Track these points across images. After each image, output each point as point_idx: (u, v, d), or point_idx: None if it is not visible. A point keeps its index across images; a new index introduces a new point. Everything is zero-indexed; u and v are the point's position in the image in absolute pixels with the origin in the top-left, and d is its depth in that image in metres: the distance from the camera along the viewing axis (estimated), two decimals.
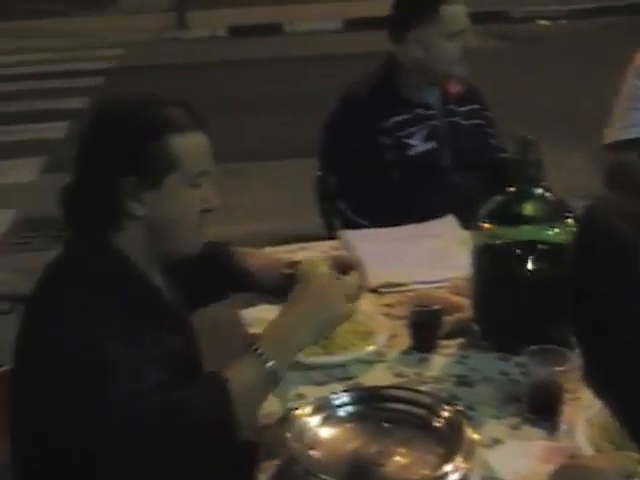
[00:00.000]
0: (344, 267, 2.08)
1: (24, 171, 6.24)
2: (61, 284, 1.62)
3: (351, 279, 2.00)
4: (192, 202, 1.68)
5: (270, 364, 1.55)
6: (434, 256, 2.32)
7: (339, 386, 1.74)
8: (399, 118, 2.73)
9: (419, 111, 2.76)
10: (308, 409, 1.58)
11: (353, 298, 2.04)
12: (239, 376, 1.54)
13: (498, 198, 1.87)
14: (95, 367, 1.48)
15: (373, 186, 2.72)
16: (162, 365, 1.58)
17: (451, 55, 2.70)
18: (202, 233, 1.74)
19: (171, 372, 1.59)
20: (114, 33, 11.97)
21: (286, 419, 1.58)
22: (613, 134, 2.89)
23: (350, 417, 1.58)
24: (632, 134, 2.82)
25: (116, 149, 1.62)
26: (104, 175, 1.63)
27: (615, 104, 2.91)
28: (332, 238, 2.67)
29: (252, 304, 2.13)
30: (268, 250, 2.42)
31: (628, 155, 2.85)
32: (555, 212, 1.84)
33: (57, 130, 7.17)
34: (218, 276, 2.04)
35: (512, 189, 1.84)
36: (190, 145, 1.65)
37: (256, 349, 1.56)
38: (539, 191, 1.82)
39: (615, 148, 2.89)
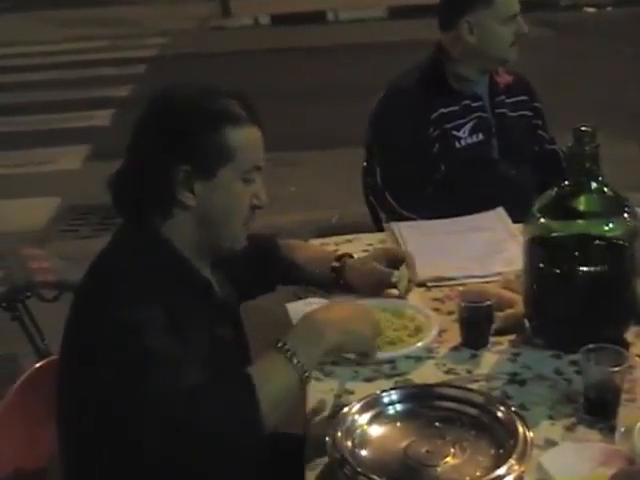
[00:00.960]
0: (394, 260, 2.06)
1: (69, 159, 6.30)
2: (110, 273, 1.62)
3: (401, 273, 1.98)
4: (243, 197, 1.67)
5: (296, 361, 1.50)
6: (484, 250, 2.28)
7: (388, 383, 1.72)
8: (446, 110, 2.69)
9: (467, 102, 2.72)
10: (357, 407, 1.55)
11: (404, 292, 2.02)
12: (264, 371, 1.49)
13: (552, 191, 1.82)
14: (133, 362, 1.47)
15: (420, 179, 2.68)
16: (205, 359, 1.56)
17: (505, 40, 2.66)
18: (247, 230, 1.73)
19: (217, 364, 1.57)
20: (159, 21, 12.04)
21: (335, 416, 1.55)
22: None
23: (400, 415, 1.55)
24: None
25: (172, 137, 1.61)
26: (158, 162, 1.62)
27: None
28: (380, 230, 2.64)
29: (300, 297, 2.11)
30: (315, 242, 2.40)
31: None
32: (612, 206, 1.79)
33: (102, 118, 7.23)
34: (266, 268, 2.04)
35: (567, 182, 1.79)
36: (246, 139, 1.64)
37: (284, 344, 1.51)
38: (595, 184, 1.77)
39: None
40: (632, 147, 2.99)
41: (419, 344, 1.82)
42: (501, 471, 1.37)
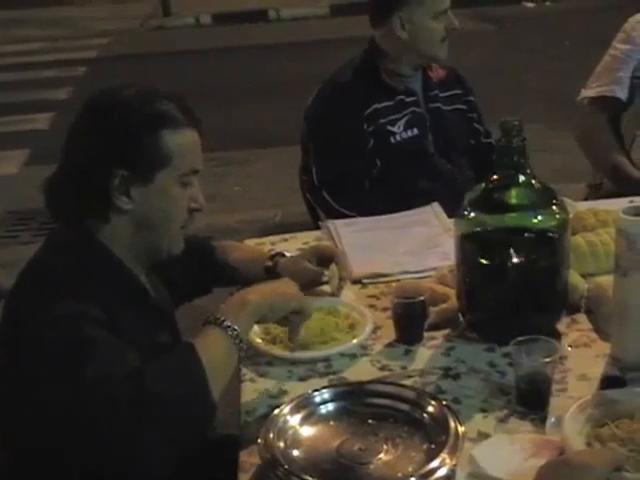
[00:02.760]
0: (324, 258, 2.05)
1: (7, 164, 6.19)
2: (43, 274, 1.58)
3: (331, 271, 1.97)
4: (181, 200, 1.65)
5: (227, 324, 1.50)
6: (420, 245, 2.29)
7: (322, 381, 1.71)
8: (380, 105, 2.69)
9: (401, 98, 2.72)
10: (289, 407, 1.54)
11: (336, 290, 2.02)
12: (204, 342, 1.49)
13: (482, 185, 1.83)
14: (70, 348, 1.43)
15: (356, 175, 2.68)
16: (141, 352, 1.52)
17: (436, 35, 2.68)
18: (185, 233, 1.72)
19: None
20: (98, 22, 11.90)
21: (267, 417, 1.54)
22: (586, 91, 2.90)
23: (332, 414, 1.54)
24: (600, 93, 2.83)
25: (108, 141, 1.58)
26: (94, 166, 1.59)
27: (598, 65, 2.92)
28: (318, 228, 2.63)
29: None
30: (250, 242, 2.39)
31: (597, 116, 2.85)
32: (541, 199, 1.80)
33: (41, 121, 7.12)
34: (201, 271, 2.03)
35: (496, 176, 1.80)
36: (183, 142, 1.63)
37: (212, 315, 1.52)
38: (523, 177, 1.78)
39: (588, 105, 2.89)
40: (571, 138, 3.02)
41: (353, 341, 1.82)
42: (433, 465, 1.37)
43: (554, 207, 1.79)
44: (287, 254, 2.08)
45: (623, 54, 2.83)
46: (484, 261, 1.82)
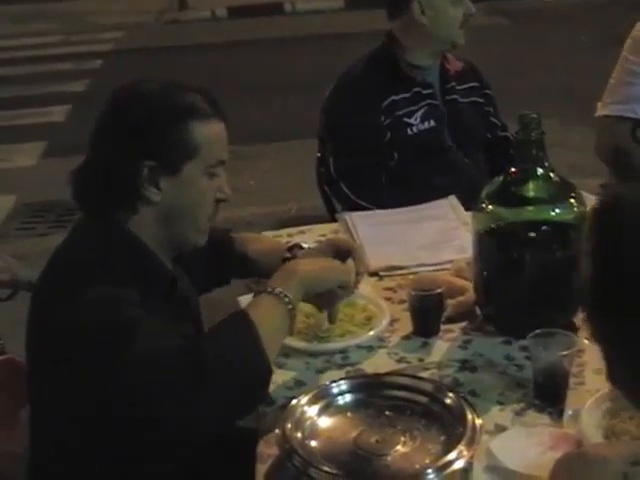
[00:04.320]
0: (341, 252, 2.05)
1: (25, 156, 6.21)
2: (70, 269, 1.59)
3: (348, 265, 1.97)
4: (209, 191, 1.67)
5: (278, 291, 1.57)
6: (436, 238, 2.29)
7: (340, 373, 1.72)
8: (397, 97, 2.69)
9: (417, 90, 2.72)
10: (306, 398, 1.54)
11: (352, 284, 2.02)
12: (255, 308, 1.55)
13: (499, 179, 1.83)
14: (113, 330, 1.46)
15: (373, 167, 2.68)
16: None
17: (455, 20, 2.68)
18: (212, 223, 1.73)
19: None
20: (114, 15, 11.92)
21: (285, 408, 1.55)
22: (603, 107, 2.85)
23: (350, 405, 1.55)
24: (619, 112, 2.78)
25: (137, 133, 1.59)
26: (123, 158, 1.60)
27: (612, 75, 2.87)
28: (334, 221, 2.64)
29: (252, 290, 2.10)
30: (268, 234, 2.39)
31: (619, 129, 2.80)
32: (558, 192, 1.80)
33: (58, 114, 7.14)
34: (220, 262, 2.03)
35: (513, 169, 1.80)
36: (211, 133, 1.64)
37: (266, 287, 1.59)
38: (541, 171, 1.78)
39: (606, 120, 2.85)
40: (585, 133, 3.01)
41: (371, 333, 1.83)
42: (450, 457, 1.37)
43: (572, 200, 1.79)
44: (305, 245, 2.08)
45: (638, 67, 2.79)
46: (502, 254, 1.82)
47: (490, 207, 1.81)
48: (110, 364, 1.44)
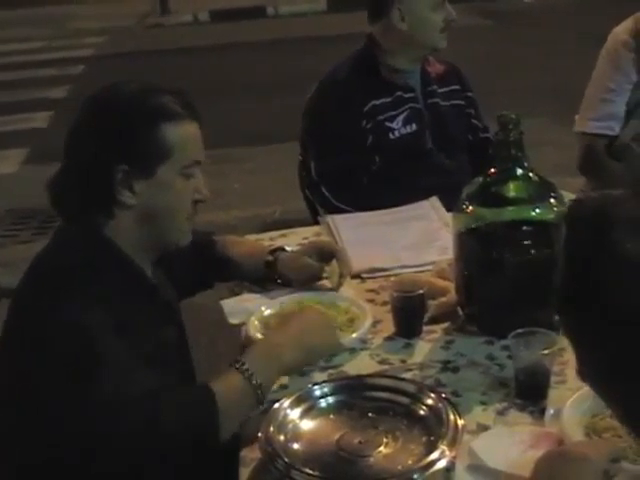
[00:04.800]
0: (324, 254, 2.06)
1: (6, 163, 6.18)
2: (49, 274, 1.59)
3: (332, 267, 1.98)
4: (185, 192, 1.66)
5: (255, 382, 1.54)
6: (419, 239, 2.29)
7: (322, 375, 1.72)
8: (378, 102, 2.69)
9: (399, 94, 2.72)
10: (289, 401, 1.55)
11: (336, 286, 2.03)
12: (225, 390, 1.53)
13: (480, 179, 1.83)
14: (84, 364, 1.46)
15: (354, 171, 2.68)
16: (153, 360, 1.56)
17: (435, 26, 2.68)
18: (192, 224, 1.72)
19: (163, 364, 1.59)
20: (96, 20, 11.88)
21: (268, 411, 1.55)
22: (581, 124, 2.88)
23: (332, 408, 1.55)
24: (597, 129, 2.81)
25: (109, 136, 1.59)
26: (96, 163, 1.60)
27: (589, 86, 2.89)
28: (317, 223, 2.64)
29: (236, 293, 2.10)
30: (250, 237, 2.39)
31: (597, 146, 2.84)
32: (538, 192, 1.81)
33: (39, 120, 7.11)
34: (202, 265, 2.03)
35: (493, 170, 1.81)
36: (184, 134, 1.63)
37: (243, 364, 1.55)
38: (521, 171, 1.78)
39: (584, 138, 2.88)
40: (570, 132, 3.02)
41: (353, 335, 1.83)
42: (432, 457, 1.38)
43: (552, 200, 1.80)
44: (288, 249, 2.09)
45: (615, 84, 2.79)
46: (482, 255, 1.83)
47: (470, 207, 1.81)
48: (67, 394, 1.44)
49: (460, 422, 1.45)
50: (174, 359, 1.71)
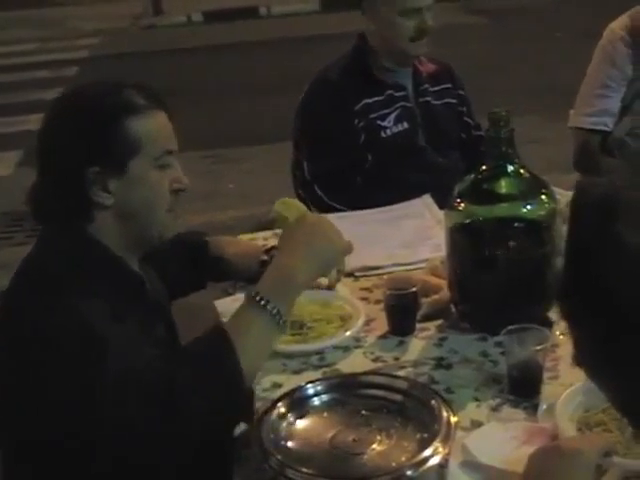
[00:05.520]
0: None
1: (1, 165, 6.18)
2: (41, 275, 1.58)
3: None
4: (161, 184, 1.63)
5: (271, 306, 1.53)
6: (412, 237, 2.30)
7: (316, 374, 1.72)
8: (370, 100, 2.70)
9: (390, 92, 2.73)
10: (283, 400, 1.54)
11: (333, 283, 2.03)
12: (238, 324, 1.52)
13: (471, 176, 1.84)
14: (90, 349, 1.44)
15: (347, 170, 2.69)
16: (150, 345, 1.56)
17: (403, 32, 2.65)
18: (176, 215, 1.69)
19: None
20: (89, 21, 11.88)
21: (261, 410, 1.55)
22: (576, 119, 2.89)
23: (326, 406, 1.55)
24: (592, 125, 2.82)
25: (75, 140, 1.58)
26: (66, 169, 1.58)
27: (584, 82, 2.89)
28: None
29: (230, 293, 2.10)
30: (244, 237, 2.39)
31: (592, 141, 2.84)
32: (530, 188, 1.81)
33: (34, 122, 7.01)
34: (195, 266, 2.03)
35: (485, 166, 1.81)
36: (150, 125, 1.61)
37: (255, 295, 1.54)
38: (512, 168, 1.79)
39: (579, 133, 2.88)
40: (563, 129, 3.03)
41: (347, 334, 1.83)
42: (426, 454, 1.38)
43: (543, 197, 1.80)
44: None
45: (611, 80, 2.80)
46: (474, 251, 1.83)
47: (462, 204, 1.82)
48: (80, 382, 1.43)
49: (453, 419, 1.45)
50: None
